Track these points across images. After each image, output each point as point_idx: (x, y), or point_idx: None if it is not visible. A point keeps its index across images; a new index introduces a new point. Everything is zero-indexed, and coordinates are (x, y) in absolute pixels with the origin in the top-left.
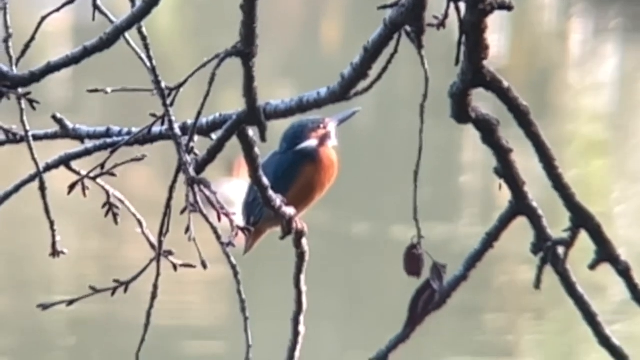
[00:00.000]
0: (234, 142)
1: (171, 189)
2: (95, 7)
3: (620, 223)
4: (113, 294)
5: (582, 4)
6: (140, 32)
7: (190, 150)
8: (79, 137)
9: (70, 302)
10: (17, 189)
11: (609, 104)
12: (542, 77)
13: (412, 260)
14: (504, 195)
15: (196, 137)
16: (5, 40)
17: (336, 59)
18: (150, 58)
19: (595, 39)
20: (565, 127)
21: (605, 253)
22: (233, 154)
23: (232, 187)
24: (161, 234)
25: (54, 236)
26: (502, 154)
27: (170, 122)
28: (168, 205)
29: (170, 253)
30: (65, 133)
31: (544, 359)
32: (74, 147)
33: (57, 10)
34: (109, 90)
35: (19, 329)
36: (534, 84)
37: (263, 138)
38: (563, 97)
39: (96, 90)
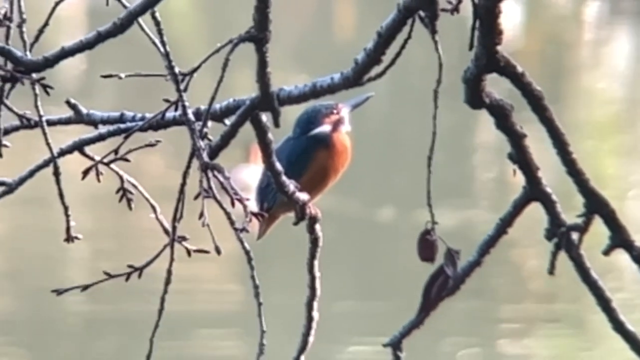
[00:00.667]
0: (250, 127)
1: (185, 175)
2: None
3: (633, 206)
4: (127, 279)
5: None
6: (153, 17)
7: (203, 136)
8: (92, 122)
9: (85, 287)
10: (31, 174)
11: (623, 87)
12: (555, 60)
13: (426, 246)
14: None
15: (210, 123)
16: (19, 25)
17: (349, 44)
18: (163, 43)
19: (609, 21)
20: (579, 110)
21: (620, 239)
22: (250, 140)
23: (250, 173)
24: (175, 219)
25: (68, 221)
26: (515, 139)
27: (184, 108)
28: (182, 191)
29: (184, 238)
30: (79, 118)
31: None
32: (87, 132)
33: None
34: (122, 75)
35: (33, 312)
36: (548, 67)
37: (276, 123)
38: (577, 80)
39: (110, 76)
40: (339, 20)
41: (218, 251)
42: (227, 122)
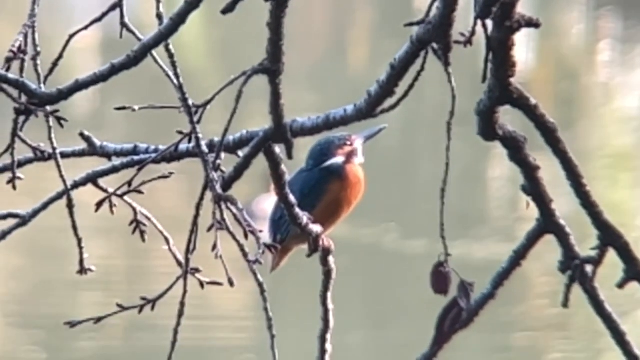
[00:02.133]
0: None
1: (198, 207)
2: (123, 24)
3: None
4: (140, 311)
5: (609, 17)
6: (167, 49)
7: (217, 168)
8: (106, 154)
9: (98, 320)
10: (45, 206)
11: (637, 117)
12: (568, 90)
13: (440, 278)
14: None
15: (223, 155)
16: (34, 58)
17: (362, 76)
18: (177, 75)
19: (622, 51)
20: (592, 139)
21: (634, 271)
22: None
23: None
24: (188, 251)
25: (81, 254)
26: (529, 171)
27: (198, 140)
28: (195, 223)
29: (197, 270)
30: (92, 151)
31: None
32: (101, 164)
33: (85, 28)
34: (136, 107)
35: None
36: (561, 97)
37: (289, 155)
38: (590, 109)
39: (123, 108)
40: (352, 52)
41: (231, 283)
42: (241, 153)
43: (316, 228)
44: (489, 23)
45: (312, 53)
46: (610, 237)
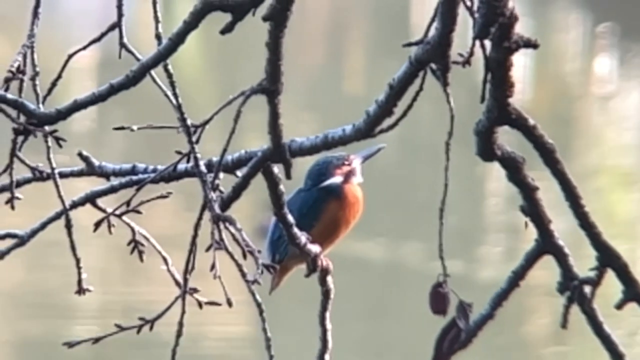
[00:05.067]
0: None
1: (196, 227)
2: (122, 44)
3: None
4: (139, 332)
5: (607, 33)
6: (166, 69)
7: (215, 188)
8: (104, 174)
9: (96, 340)
10: (43, 226)
11: (635, 138)
12: (566, 110)
13: (438, 299)
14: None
15: (221, 175)
16: (32, 78)
17: (361, 96)
18: (176, 95)
19: (620, 72)
20: (591, 161)
21: (633, 292)
22: None
23: None
24: (186, 271)
25: (79, 274)
26: (527, 192)
27: (196, 160)
28: (193, 243)
29: (195, 290)
30: (91, 171)
31: None
32: (99, 183)
33: (84, 48)
34: (134, 127)
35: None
36: (558, 117)
37: (288, 175)
38: (588, 131)
39: (122, 128)
40: (349, 72)
41: (230, 303)
42: (239, 173)
43: (315, 248)
44: (488, 43)
45: (310, 72)
46: (609, 258)
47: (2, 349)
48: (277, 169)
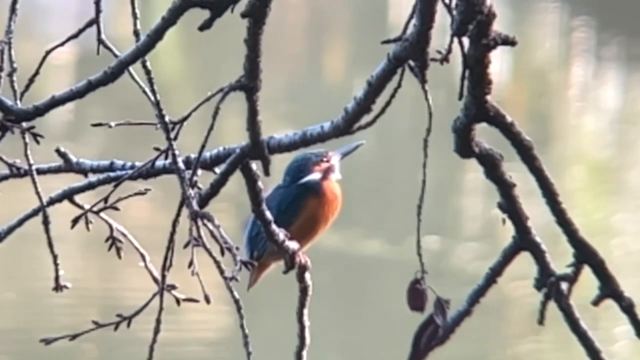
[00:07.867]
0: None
1: (174, 223)
2: (100, 41)
3: (618, 254)
4: (116, 328)
5: (583, 27)
6: (144, 66)
7: (193, 184)
8: (82, 171)
9: (73, 337)
10: (20, 223)
11: (611, 132)
12: (544, 105)
13: (416, 295)
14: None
15: (200, 171)
16: (10, 74)
17: (339, 92)
18: (154, 92)
19: (597, 67)
20: (567, 156)
21: (609, 289)
22: None
23: None
24: (164, 268)
25: (57, 270)
26: (505, 188)
27: (174, 156)
28: (171, 240)
29: (173, 287)
30: (69, 167)
31: None
32: (77, 180)
33: (62, 44)
34: (112, 124)
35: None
36: (536, 113)
37: (266, 172)
38: (565, 125)
39: (100, 124)
40: (328, 69)
41: (207, 300)
42: (217, 170)
43: (293, 245)
44: (466, 41)
45: (289, 69)
46: (585, 255)
47: None
48: (256, 165)
